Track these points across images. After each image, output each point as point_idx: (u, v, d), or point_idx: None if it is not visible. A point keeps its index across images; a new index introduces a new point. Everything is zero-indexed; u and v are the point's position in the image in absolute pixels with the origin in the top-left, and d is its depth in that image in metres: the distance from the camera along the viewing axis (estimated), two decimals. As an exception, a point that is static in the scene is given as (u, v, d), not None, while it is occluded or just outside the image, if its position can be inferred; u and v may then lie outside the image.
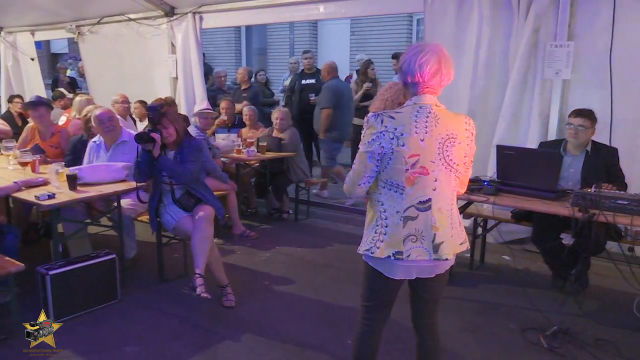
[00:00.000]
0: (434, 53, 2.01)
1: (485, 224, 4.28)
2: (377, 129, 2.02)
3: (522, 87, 4.47)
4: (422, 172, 2.03)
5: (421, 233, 2.07)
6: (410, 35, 10.43)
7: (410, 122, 2.01)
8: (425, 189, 2.05)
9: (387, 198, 2.08)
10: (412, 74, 2.03)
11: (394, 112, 2.05)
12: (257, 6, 5.94)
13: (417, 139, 2.00)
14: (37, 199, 3.45)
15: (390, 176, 2.05)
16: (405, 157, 2.00)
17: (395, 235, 2.06)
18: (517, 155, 3.61)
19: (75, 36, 7.66)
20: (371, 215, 2.15)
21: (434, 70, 2.00)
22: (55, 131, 5.10)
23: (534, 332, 3.24)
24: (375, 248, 2.09)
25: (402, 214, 2.05)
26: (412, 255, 2.06)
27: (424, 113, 2.02)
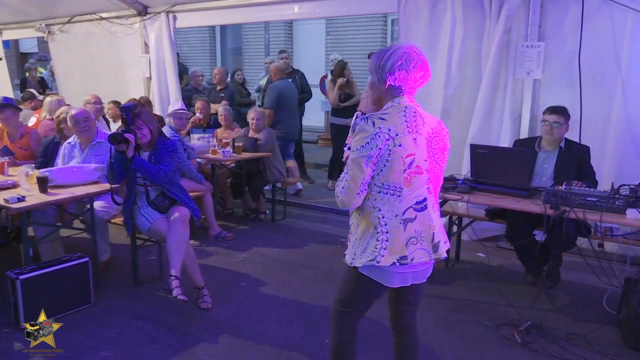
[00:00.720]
0: (419, 56, 2.02)
1: (460, 222, 4.34)
2: (369, 131, 1.97)
3: (494, 87, 4.54)
4: (418, 172, 2.02)
5: (420, 234, 2.05)
6: (385, 35, 10.49)
7: (401, 122, 1.99)
8: (420, 188, 2.05)
9: (384, 203, 2.02)
10: (397, 77, 2.01)
11: (382, 114, 2.02)
12: (231, 6, 5.90)
13: (410, 138, 1.99)
14: (7, 202, 3.36)
15: (387, 179, 2.00)
16: (403, 157, 1.98)
17: (397, 240, 2.02)
18: (490, 154, 3.66)
19: (45, 35, 7.50)
20: (366, 224, 2.06)
21: (422, 75, 2.04)
22: (25, 132, 4.98)
23: (507, 328, 3.30)
24: (380, 257, 2.02)
25: (402, 217, 2.02)
26: (415, 258, 2.04)
27: (411, 113, 2.02)
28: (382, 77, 2.04)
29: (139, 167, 3.51)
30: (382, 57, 2.04)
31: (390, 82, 2.03)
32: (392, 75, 2.01)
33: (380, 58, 2.04)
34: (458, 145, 4.71)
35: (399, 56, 2.00)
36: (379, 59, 2.05)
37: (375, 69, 2.06)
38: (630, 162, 4.04)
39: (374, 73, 2.08)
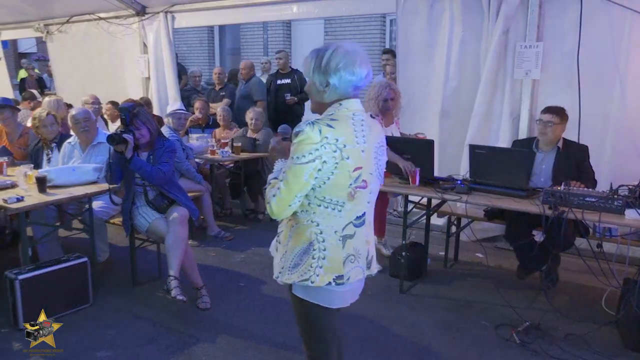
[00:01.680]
0: (361, 54, 1.85)
1: (458, 223, 4.34)
2: (315, 140, 1.74)
3: (493, 87, 4.54)
4: (363, 186, 1.85)
5: (358, 251, 1.91)
6: (384, 35, 10.49)
7: (350, 132, 1.80)
8: (362, 203, 1.88)
9: (324, 217, 1.83)
10: (347, 79, 1.82)
11: (331, 120, 1.79)
12: (229, 6, 5.90)
13: (359, 150, 1.81)
14: (5, 202, 3.36)
15: (329, 193, 1.80)
16: (350, 171, 1.79)
17: (335, 259, 1.85)
18: (488, 154, 3.66)
19: (44, 35, 7.49)
20: (300, 238, 1.86)
21: (367, 74, 1.86)
22: (24, 133, 4.97)
23: (506, 328, 3.30)
24: (315, 276, 1.84)
25: (341, 233, 1.85)
26: (351, 277, 1.89)
27: (359, 121, 1.84)
28: (325, 79, 1.83)
29: (138, 167, 3.51)
30: (322, 57, 1.83)
31: (334, 82, 1.82)
32: (337, 74, 1.81)
33: (321, 58, 1.84)
34: (456, 146, 4.72)
35: (341, 55, 1.81)
36: (318, 59, 1.84)
37: (316, 70, 1.85)
38: (629, 162, 4.04)
39: (314, 74, 1.86)
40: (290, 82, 7.10)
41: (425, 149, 3.79)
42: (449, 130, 4.80)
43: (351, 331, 3.32)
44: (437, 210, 4.09)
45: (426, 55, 4.85)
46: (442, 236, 4.62)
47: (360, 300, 3.79)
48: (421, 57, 4.88)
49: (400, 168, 3.85)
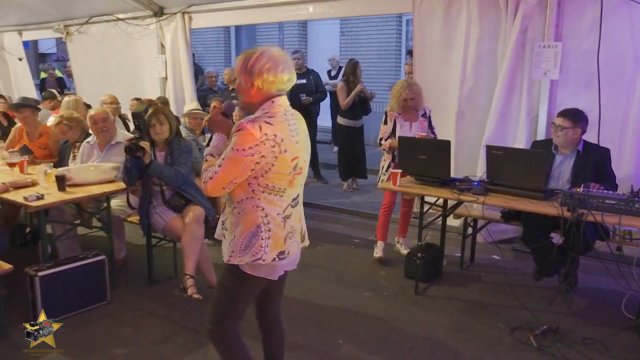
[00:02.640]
0: (285, 58, 2.06)
1: (475, 224, 4.31)
2: (256, 136, 1.93)
3: (510, 87, 4.49)
4: (299, 172, 2.10)
5: (294, 228, 2.16)
6: (400, 35, 10.43)
7: (286, 127, 2.03)
8: (298, 186, 2.14)
9: (268, 202, 2.05)
10: (270, 81, 2.00)
11: (269, 118, 1.99)
12: (246, 6, 5.92)
13: (294, 142, 2.04)
14: (26, 199, 3.42)
15: (272, 181, 2.03)
16: (288, 161, 2.02)
17: (278, 237, 2.08)
18: (506, 155, 3.62)
19: (64, 36, 7.59)
20: (248, 223, 2.05)
21: (290, 76, 2.06)
22: (43, 132, 5.05)
23: (523, 331, 3.27)
24: (265, 254, 2.06)
25: (282, 215, 2.09)
26: (291, 251, 2.14)
27: (290, 115, 2.09)
28: (250, 80, 2.01)
29: (157, 172, 3.56)
30: (249, 60, 2.01)
31: (258, 84, 2.01)
32: (260, 77, 2.00)
33: (247, 61, 2.02)
34: (473, 146, 4.68)
35: (266, 58, 2.00)
36: (245, 62, 2.02)
37: (243, 71, 2.03)
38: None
39: (241, 75, 2.04)
40: (305, 82, 7.10)
41: (441, 149, 3.77)
42: (465, 131, 4.76)
43: (365, 331, 3.32)
44: (453, 211, 4.06)
45: (442, 56, 4.82)
46: (458, 237, 4.58)
47: (375, 300, 3.81)
48: (437, 57, 4.85)
49: (418, 169, 3.83)
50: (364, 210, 5.86)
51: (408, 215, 4.73)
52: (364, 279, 4.16)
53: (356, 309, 3.63)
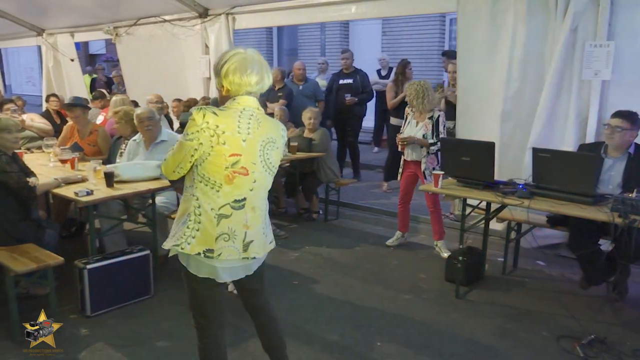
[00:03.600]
0: (256, 63, 2.10)
1: (519, 228, 4.20)
2: (198, 124, 2.01)
3: (558, 88, 4.35)
4: (243, 172, 2.08)
5: (234, 232, 2.10)
6: (443, 35, 10.28)
7: (233, 122, 2.05)
8: (242, 188, 2.10)
9: (203, 193, 2.08)
10: (237, 82, 2.07)
11: (218, 110, 2.06)
12: (289, 7, 5.97)
13: (239, 139, 2.05)
14: (76, 195, 3.55)
15: (208, 172, 2.06)
16: (226, 155, 2.04)
17: (207, 233, 2.07)
18: (553, 158, 3.51)
19: (113, 37, 7.85)
20: (183, 209, 2.13)
21: (258, 79, 2.10)
22: (93, 130, 5.24)
23: (568, 340, 3.16)
24: (186, 244, 2.08)
25: (217, 212, 2.07)
26: (223, 254, 2.09)
27: (247, 115, 2.09)
28: (220, 80, 2.11)
29: None
30: (220, 60, 2.11)
31: (226, 86, 2.09)
32: (227, 79, 2.07)
33: (219, 60, 2.11)
34: (518, 149, 4.57)
35: (234, 61, 2.07)
36: (217, 62, 2.12)
37: (215, 71, 2.13)
38: None
39: (215, 76, 2.15)
40: (351, 82, 7.09)
41: (485, 151, 3.69)
42: (510, 132, 4.65)
43: (404, 334, 3.29)
44: (496, 214, 3.97)
45: (487, 56, 4.72)
46: (500, 242, 4.48)
47: (414, 303, 3.77)
48: (482, 57, 4.75)
49: (461, 171, 3.78)
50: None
51: (434, 216, 4.67)
52: (404, 281, 4.12)
53: (395, 311, 3.61)
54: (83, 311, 3.45)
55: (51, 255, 3.28)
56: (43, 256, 3.27)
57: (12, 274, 3.07)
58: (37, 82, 17.03)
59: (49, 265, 3.18)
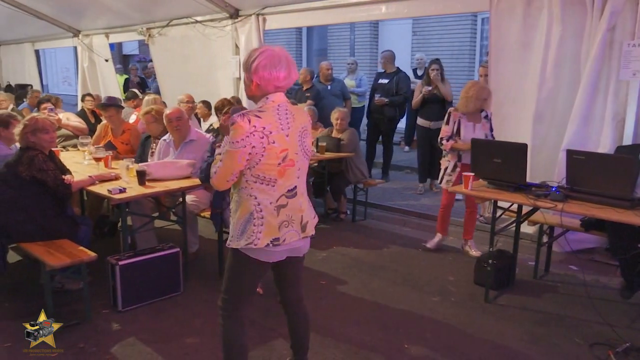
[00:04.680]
0: (284, 59, 2.20)
1: (551, 232, 4.10)
2: (245, 129, 2.12)
3: (594, 89, 4.24)
4: (290, 164, 2.24)
5: (291, 218, 2.29)
6: (475, 34, 10.13)
7: (275, 120, 2.18)
8: (292, 178, 2.27)
9: (260, 192, 2.22)
10: (266, 78, 2.17)
11: (258, 111, 2.18)
12: (319, 7, 5.97)
13: (283, 135, 2.20)
14: (110, 192, 3.64)
15: (263, 171, 2.19)
16: (277, 152, 2.18)
17: (271, 224, 2.23)
18: (588, 161, 3.42)
19: (146, 38, 8.00)
20: (244, 209, 2.25)
21: (286, 74, 2.20)
22: (126, 129, 5.36)
23: (602, 348, 3.08)
24: (257, 240, 2.22)
25: (275, 204, 2.24)
26: (287, 239, 2.27)
27: (283, 111, 2.22)
28: (249, 76, 2.22)
29: None
30: (250, 57, 2.21)
31: (256, 81, 2.19)
32: (257, 74, 2.18)
33: (248, 59, 2.22)
34: (552, 151, 4.47)
35: (264, 57, 2.17)
36: (247, 59, 2.22)
37: (244, 67, 2.24)
38: None
39: (244, 72, 2.26)
40: (387, 82, 7.04)
41: (517, 153, 3.62)
42: (543, 134, 4.55)
43: (432, 337, 3.25)
44: (528, 217, 3.89)
45: (520, 56, 4.63)
46: (532, 245, 4.39)
47: (442, 305, 3.73)
48: (515, 57, 4.66)
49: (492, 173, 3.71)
50: (433, 213, 5.73)
51: (473, 216, 4.64)
52: (432, 283, 4.08)
53: (423, 313, 3.57)
54: (115, 306, 3.53)
55: (85, 251, 3.37)
56: (77, 252, 3.35)
57: (48, 269, 3.17)
58: (72, 82, 17.50)
59: (82, 260, 3.27)
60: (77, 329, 3.30)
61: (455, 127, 4.43)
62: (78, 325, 3.33)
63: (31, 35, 10.25)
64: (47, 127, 3.63)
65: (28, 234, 3.49)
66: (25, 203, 3.49)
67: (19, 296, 3.76)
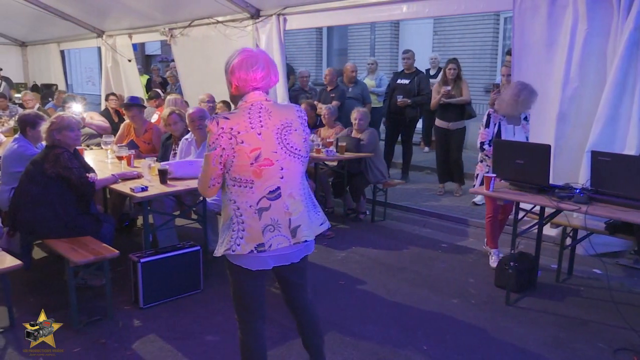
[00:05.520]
0: (262, 60, 2.20)
1: (574, 234, 4.03)
2: (214, 132, 2.12)
3: (621, 89, 4.15)
4: (267, 164, 2.15)
5: (277, 221, 2.19)
6: (497, 34, 10.00)
7: (244, 120, 2.14)
8: (272, 178, 2.17)
9: (238, 195, 2.17)
10: (243, 78, 2.17)
11: (228, 114, 2.17)
12: (339, 7, 5.96)
13: (254, 134, 2.14)
14: (132, 191, 3.69)
15: (238, 173, 2.15)
16: (247, 152, 2.12)
17: (253, 229, 2.16)
18: (613, 162, 3.35)
19: (168, 39, 8.09)
20: (225, 216, 2.23)
21: (263, 74, 2.19)
22: (148, 128, 5.43)
23: (627, 354, 3.02)
24: (236, 246, 2.16)
25: (256, 207, 2.16)
26: (273, 245, 2.18)
27: (256, 109, 2.17)
28: (228, 77, 2.23)
29: None
30: (228, 60, 2.23)
31: (234, 82, 2.19)
32: (233, 75, 2.18)
33: (227, 60, 2.23)
34: (575, 152, 4.40)
35: (240, 58, 2.18)
36: (227, 62, 2.23)
37: (225, 70, 2.24)
38: None
39: (225, 73, 2.25)
40: (407, 83, 7.00)
41: (540, 154, 3.57)
42: (567, 135, 4.47)
43: (452, 339, 3.23)
44: (550, 220, 3.83)
45: (544, 55, 4.56)
46: (554, 248, 4.33)
47: (462, 307, 3.70)
48: (539, 57, 4.59)
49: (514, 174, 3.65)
50: (453, 214, 5.70)
51: (503, 223, 4.53)
52: (452, 285, 4.05)
53: (443, 315, 3.55)
54: (136, 303, 3.58)
55: (108, 248, 3.42)
56: (100, 248, 3.41)
57: (72, 265, 3.23)
58: (96, 81, 17.80)
59: (105, 257, 3.32)
60: (100, 324, 3.36)
61: (495, 130, 4.27)
62: (100, 321, 3.39)
63: (57, 36, 10.45)
64: (73, 125, 3.70)
65: (52, 230, 3.56)
66: (50, 200, 3.56)
67: (43, 292, 3.84)
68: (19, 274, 3.59)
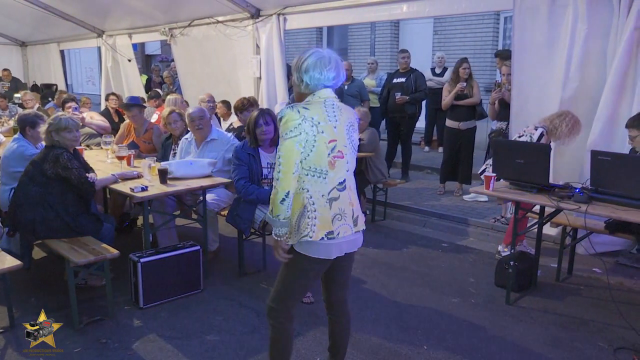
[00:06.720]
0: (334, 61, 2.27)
1: (574, 234, 4.03)
2: (296, 118, 2.16)
3: (621, 89, 4.16)
4: (340, 156, 2.27)
5: (344, 211, 2.30)
6: (497, 33, 9.99)
7: (322, 112, 2.23)
8: (341, 171, 2.29)
9: (312, 184, 2.23)
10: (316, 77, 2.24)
11: (305, 104, 2.24)
12: (339, 7, 5.96)
13: (331, 127, 2.23)
14: (132, 190, 3.69)
15: (314, 162, 2.21)
16: (326, 142, 2.22)
17: (324, 218, 2.24)
18: (613, 162, 3.35)
19: (168, 38, 8.09)
20: (297, 204, 2.25)
21: (335, 74, 2.27)
22: (148, 128, 5.43)
23: (627, 353, 3.02)
24: (312, 232, 2.23)
25: (327, 197, 2.25)
26: (340, 233, 2.28)
27: (329, 105, 2.27)
28: (300, 77, 2.27)
29: None
30: (301, 59, 2.27)
31: (305, 80, 2.26)
32: (307, 74, 2.25)
33: (299, 59, 2.28)
34: (575, 151, 4.39)
35: (314, 59, 2.24)
36: (298, 60, 2.28)
37: (295, 69, 2.29)
38: None
39: (294, 72, 2.30)
40: (404, 81, 7.01)
41: (540, 153, 3.57)
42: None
43: (452, 338, 3.23)
44: (550, 219, 3.84)
45: (544, 55, 4.56)
46: (554, 247, 4.33)
47: (462, 307, 3.70)
48: (538, 57, 4.59)
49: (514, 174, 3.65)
50: (453, 214, 5.70)
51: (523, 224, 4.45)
52: (452, 284, 4.05)
53: (443, 314, 3.55)
54: (136, 303, 3.58)
55: (108, 248, 3.42)
56: (100, 248, 3.41)
57: (72, 265, 3.23)
58: (96, 81, 17.80)
59: (105, 257, 3.32)
60: (100, 324, 3.36)
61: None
62: (101, 321, 3.39)
63: (57, 36, 10.46)
64: (70, 126, 3.68)
65: (53, 230, 3.56)
66: (51, 200, 3.56)
67: (43, 292, 3.84)
68: (19, 274, 3.59)
